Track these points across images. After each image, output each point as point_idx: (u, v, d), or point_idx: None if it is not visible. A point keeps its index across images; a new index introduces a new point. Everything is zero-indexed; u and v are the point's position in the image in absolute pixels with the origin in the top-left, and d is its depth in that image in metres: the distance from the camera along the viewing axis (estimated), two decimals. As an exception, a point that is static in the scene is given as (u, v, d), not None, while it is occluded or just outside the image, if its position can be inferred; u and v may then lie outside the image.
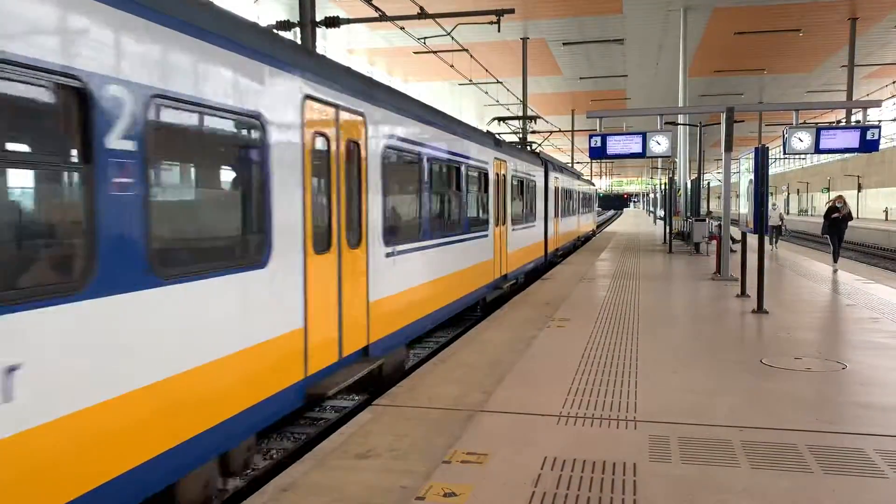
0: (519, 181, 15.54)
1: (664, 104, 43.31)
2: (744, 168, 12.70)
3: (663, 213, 32.05)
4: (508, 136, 23.44)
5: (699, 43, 33.87)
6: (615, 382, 6.57)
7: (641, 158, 15.99)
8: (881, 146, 15.89)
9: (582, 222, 30.73)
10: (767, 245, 18.22)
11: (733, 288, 13.19)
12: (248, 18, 5.51)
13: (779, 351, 7.95)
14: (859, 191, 57.56)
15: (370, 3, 13.06)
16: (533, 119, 23.90)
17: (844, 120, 29.29)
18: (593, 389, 6.33)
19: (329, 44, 31.82)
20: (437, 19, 15.13)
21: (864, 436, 5.06)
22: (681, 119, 28.70)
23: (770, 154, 20.73)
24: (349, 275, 6.54)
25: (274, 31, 5.90)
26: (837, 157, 57.71)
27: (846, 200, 17.89)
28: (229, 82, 4.66)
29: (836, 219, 17.22)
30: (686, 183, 30.02)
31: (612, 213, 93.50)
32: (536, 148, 22.60)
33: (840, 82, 37.35)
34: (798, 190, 76.70)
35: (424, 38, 19.03)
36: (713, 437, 5.05)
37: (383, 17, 13.96)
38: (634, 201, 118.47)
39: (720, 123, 15.25)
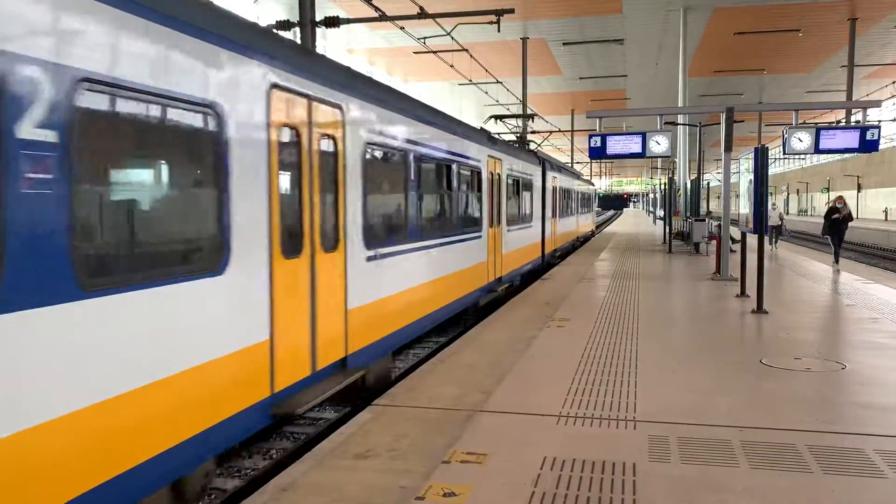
0: (515, 180, 15.20)
1: (664, 104, 43.32)
2: (744, 168, 12.71)
3: (663, 213, 32.08)
4: (508, 135, 23.41)
5: (699, 43, 33.88)
6: (615, 382, 6.57)
7: (641, 158, 16.00)
8: (881, 146, 15.90)
9: (581, 222, 30.68)
10: (767, 245, 18.24)
11: (733, 288, 13.19)
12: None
13: (778, 351, 7.95)
14: (859, 191, 57.57)
15: (370, 3, 13.06)
16: (531, 117, 23.81)
17: (844, 120, 29.30)
18: (593, 389, 6.33)
19: (329, 44, 31.83)
20: (436, 19, 15.13)
21: (863, 436, 5.06)
22: (680, 119, 28.70)
23: (770, 154, 20.75)
24: (324, 280, 6.03)
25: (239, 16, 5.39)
26: (837, 157, 57.74)
27: (846, 201, 17.90)
28: (177, 67, 4.16)
29: (836, 219, 17.23)
30: (686, 183, 30.05)
31: (612, 213, 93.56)
32: (535, 148, 22.61)
33: (840, 82, 37.35)
34: (798, 190, 76.75)
35: (424, 38, 19.03)
36: (713, 437, 5.05)
37: (383, 17, 13.96)
38: (634, 201, 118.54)
39: (720, 123, 15.25)
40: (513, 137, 22.14)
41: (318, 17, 12.28)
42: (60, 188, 3.32)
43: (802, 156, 53.42)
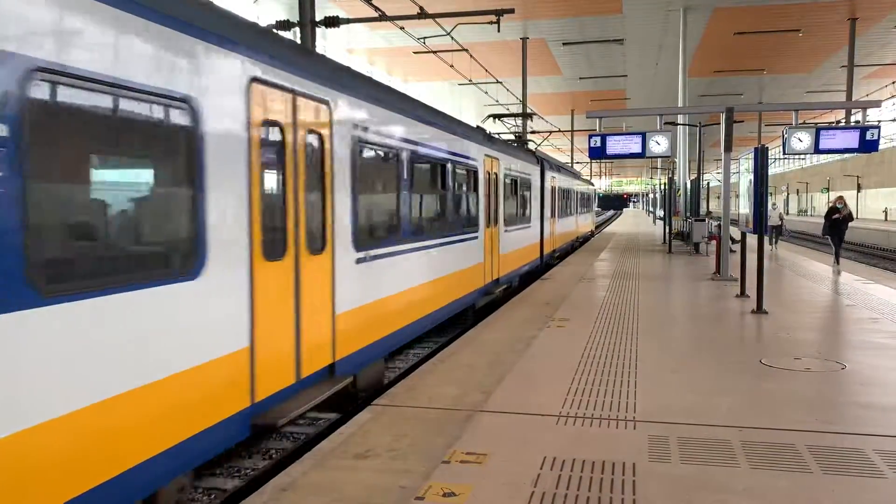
0: (513, 180, 15.04)
1: (664, 104, 43.35)
2: (743, 168, 12.71)
3: (663, 213, 32.09)
4: (507, 135, 23.40)
5: (699, 43, 33.90)
6: (615, 382, 6.57)
7: (641, 158, 16.01)
8: (880, 146, 15.90)
9: (580, 223, 30.64)
10: (767, 245, 18.24)
11: (733, 288, 13.19)
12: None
13: (778, 351, 7.95)
14: (859, 191, 57.59)
15: (370, 3, 13.07)
16: (529, 117, 23.75)
17: (844, 120, 29.31)
18: (593, 389, 6.33)
19: (329, 44, 31.84)
20: (436, 19, 15.13)
21: (863, 436, 5.06)
22: (680, 119, 28.71)
23: (770, 154, 20.74)
24: (310, 284, 5.79)
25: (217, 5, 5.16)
26: (837, 157, 57.78)
27: (846, 201, 17.91)
28: (146, 58, 3.90)
29: (836, 220, 17.22)
30: (685, 183, 30.07)
31: (612, 213, 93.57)
32: (534, 147, 22.58)
33: (840, 82, 37.38)
34: (797, 190, 76.77)
35: (424, 38, 19.03)
36: (712, 437, 5.05)
37: (383, 17, 13.97)
38: (634, 201, 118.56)
39: (720, 123, 15.26)
40: (512, 137, 22.12)
41: (318, 17, 12.29)
42: (11, 189, 3.11)
43: (802, 156, 53.44)
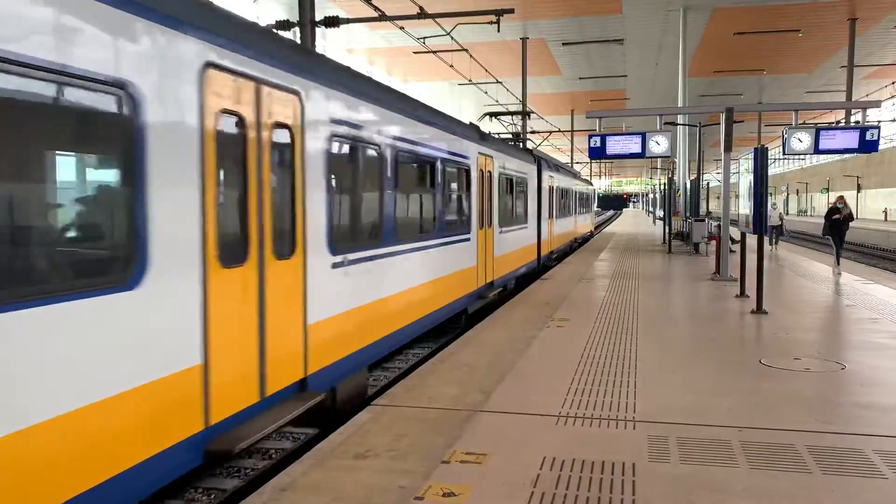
0: (508, 179, 14.66)
1: (664, 104, 43.41)
2: (743, 168, 12.72)
3: (663, 213, 32.10)
4: (506, 135, 23.39)
5: (699, 43, 33.92)
6: (614, 382, 6.57)
7: (641, 159, 16.03)
8: (880, 146, 15.91)
9: (579, 223, 30.56)
10: (767, 245, 18.23)
11: (733, 288, 13.19)
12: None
13: (778, 351, 7.95)
14: (858, 191, 57.59)
15: (370, 3, 13.06)
16: (527, 115, 23.62)
17: (844, 120, 29.32)
18: (592, 389, 6.33)
19: (329, 43, 31.84)
20: (436, 19, 15.13)
21: (863, 436, 5.06)
22: (680, 119, 28.71)
23: (769, 154, 20.75)
24: (277, 292, 5.31)
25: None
26: (837, 157, 57.75)
27: (847, 201, 17.91)
28: (71, 36, 3.41)
29: (836, 220, 17.22)
30: (685, 183, 30.08)
31: (612, 213, 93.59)
32: (534, 147, 22.55)
33: (840, 83, 37.41)
34: (797, 190, 76.77)
35: (424, 38, 19.03)
36: (712, 437, 5.05)
37: (383, 17, 13.97)
38: (634, 201, 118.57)
39: (720, 124, 15.26)
40: (511, 136, 22.10)
41: (318, 17, 12.29)
42: None
43: (802, 156, 53.44)
